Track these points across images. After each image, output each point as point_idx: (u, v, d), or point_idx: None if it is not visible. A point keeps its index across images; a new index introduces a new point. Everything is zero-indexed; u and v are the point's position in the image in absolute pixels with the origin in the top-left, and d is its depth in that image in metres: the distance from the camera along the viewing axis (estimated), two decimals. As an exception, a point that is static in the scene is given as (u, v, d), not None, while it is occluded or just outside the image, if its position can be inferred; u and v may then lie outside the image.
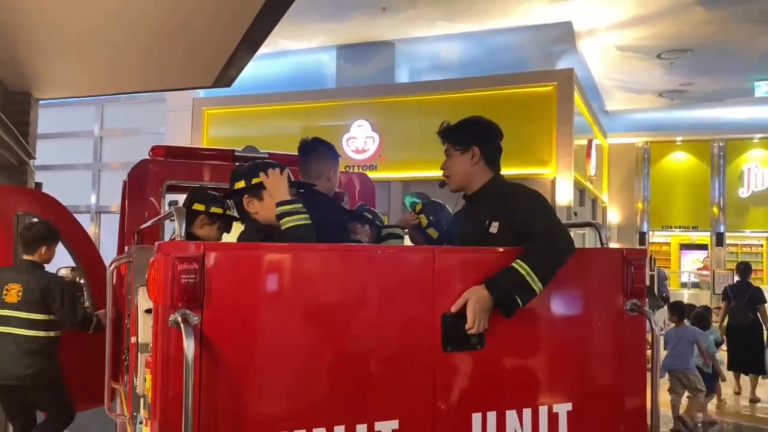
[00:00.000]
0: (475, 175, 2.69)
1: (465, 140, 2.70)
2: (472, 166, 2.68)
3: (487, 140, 2.72)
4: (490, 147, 2.71)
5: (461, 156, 2.70)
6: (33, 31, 4.15)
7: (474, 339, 2.29)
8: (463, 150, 2.69)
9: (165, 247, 1.94)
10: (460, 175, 2.72)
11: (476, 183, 2.70)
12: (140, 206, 4.29)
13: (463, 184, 2.74)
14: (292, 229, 2.38)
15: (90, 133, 14.66)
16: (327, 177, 3.08)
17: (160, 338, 1.94)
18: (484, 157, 2.68)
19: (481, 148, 2.67)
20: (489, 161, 2.70)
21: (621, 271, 2.57)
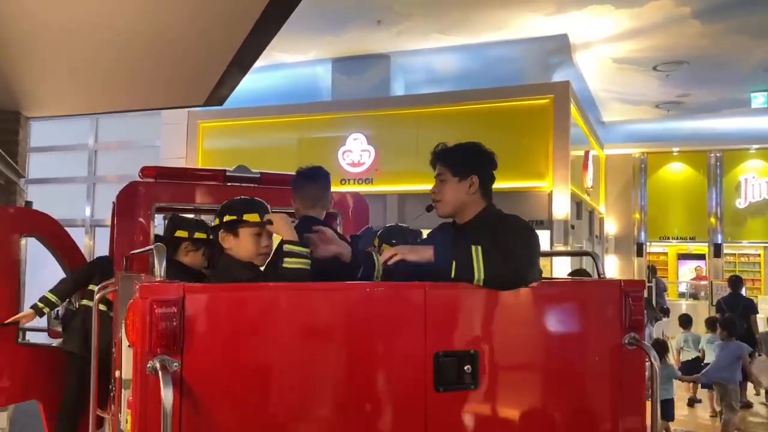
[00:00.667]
0: (468, 205, 2.60)
1: (465, 168, 2.58)
2: (468, 195, 2.58)
3: (486, 170, 2.63)
4: (487, 177, 2.62)
5: (458, 183, 2.58)
6: (22, 52, 4.08)
7: (467, 378, 2.21)
8: (461, 178, 2.57)
9: (144, 290, 1.86)
10: (453, 202, 2.60)
11: (469, 212, 2.60)
12: (129, 229, 4.21)
13: (454, 211, 2.63)
14: (293, 270, 2.37)
15: (84, 146, 14.56)
16: (327, 205, 3.04)
17: (139, 385, 1.86)
18: (482, 187, 2.59)
19: (480, 178, 2.58)
20: (484, 191, 2.61)
21: (619, 304, 2.49)
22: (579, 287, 2.53)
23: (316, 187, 3.08)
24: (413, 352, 2.17)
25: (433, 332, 2.18)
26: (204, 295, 1.94)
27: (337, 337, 2.11)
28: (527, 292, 2.40)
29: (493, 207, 2.64)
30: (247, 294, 2.05)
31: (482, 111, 11.27)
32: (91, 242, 14.24)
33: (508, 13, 10.00)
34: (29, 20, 3.63)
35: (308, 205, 3.04)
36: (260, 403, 1.96)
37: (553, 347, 2.41)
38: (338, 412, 2.08)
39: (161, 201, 4.26)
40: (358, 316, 2.15)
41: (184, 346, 1.86)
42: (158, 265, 2.00)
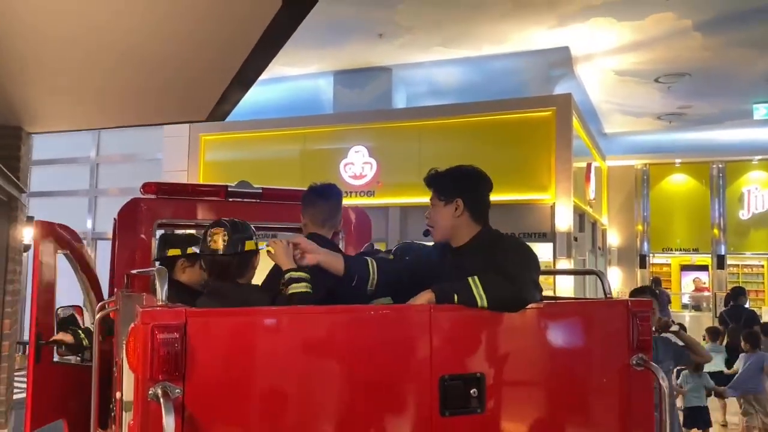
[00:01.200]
0: (459, 228, 2.56)
1: (448, 191, 2.56)
2: (456, 218, 2.54)
3: (472, 192, 2.57)
4: (474, 199, 2.57)
5: (444, 207, 2.56)
6: (25, 70, 4.08)
7: (474, 402, 2.17)
8: (447, 201, 2.55)
9: (145, 316, 1.83)
10: (443, 226, 2.59)
11: (461, 237, 2.56)
12: (130, 246, 4.19)
13: (446, 236, 2.60)
14: (296, 295, 2.40)
15: (86, 159, 14.59)
16: (336, 225, 3.03)
17: (140, 411, 1.83)
18: (468, 209, 2.54)
19: (464, 201, 2.53)
20: (474, 214, 2.55)
21: (626, 325, 2.45)
22: (585, 307, 2.50)
23: (328, 205, 3.06)
24: (418, 375, 2.13)
25: (439, 355, 2.15)
26: (206, 319, 1.91)
27: (341, 360, 2.08)
28: (533, 313, 2.37)
29: (489, 230, 2.59)
30: (250, 318, 2.01)
31: (484, 123, 11.27)
32: (92, 255, 14.21)
33: (510, 26, 10.02)
34: (32, 39, 3.63)
35: (317, 223, 3.02)
36: (264, 429, 1.93)
37: (560, 369, 2.37)
38: (343, 438, 2.04)
39: (162, 217, 4.24)
40: (363, 339, 2.11)
41: (186, 372, 1.83)
42: (159, 288, 1.97)
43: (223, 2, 2.93)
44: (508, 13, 9.53)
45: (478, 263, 2.43)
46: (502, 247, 2.49)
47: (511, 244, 2.53)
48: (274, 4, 2.87)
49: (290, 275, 2.45)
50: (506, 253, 2.43)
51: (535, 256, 2.52)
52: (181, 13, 3.09)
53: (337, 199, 3.11)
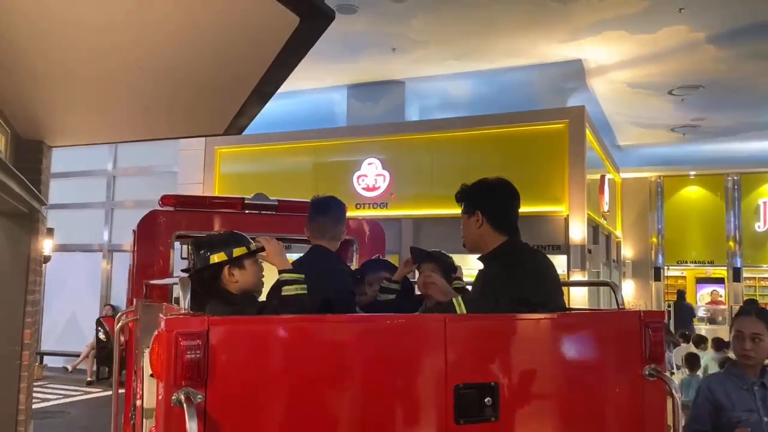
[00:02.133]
0: (483, 239, 2.66)
1: (469, 204, 2.70)
2: (478, 229, 2.66)
3: (491, 203, 2.67)
4: (494, 210, 2.66)
5: (468, 220, 2.71)
6: (47, 88, 4.19)
7: (488, 411, 2.21)
8: (469, 215, 2.69)
9: (169, 323, 1.89)
10: (469, 238, 2.73)
11: (487, 246, 2.66)
12: (149, 257, 4.28)
13: (474, 247, 2.73)
14: (291, 297, 2.49)
15: (104, 172, 14.78)
16: (338, 236, 3.08)
17: (163, 417, 1.89)
18: (489, 221, 2.64)
19: (483, 213, 2.64)
20: (496, 225, 2.64)
21: (639, 335, 2.48)
22: (598, 318, 2.53)
23: (326, 218, 3.16)
24: (433, 384, 2.17)
25: (454, 364, 2.19)
26: (228, 327, 1.96)
27: (359, 368, 2.13)
28: (547, 324, 2.42)
29: (511, 242, 2.66)
30: (270, 327, 2.07)
31: (497, 136, 11.32)
32: (108, 267, 14.37)
33: (522, 39, 10.08)
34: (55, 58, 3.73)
35: (317, 236, 3.13)
36: (282, 434, 1.98)
37: (573, 378, 2.40)
38: (359, 444, 2.08)
39: (180, 229, 4.32)
40: (380, 347, 2.16)
41: (208, 378, 1.88)
42: (183, 297, 2.04)
43: (243, 20, 3.02)
44: (521, 27, 9.60)
45: (490, 273, 2.58)
46: (496, 267, 2.60)
47: (500, 266, 2.59)
48: (292, 20, 2.95)
49: (285, 277, 2.54)
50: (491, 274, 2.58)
51: (525, 282, 2.53)
52: (201, 31, 3.18)
53: (335, 211, 3.20)
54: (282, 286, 2.56)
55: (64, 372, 13.02)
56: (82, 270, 14.27)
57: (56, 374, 12.92)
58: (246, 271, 2.70)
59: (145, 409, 2.80)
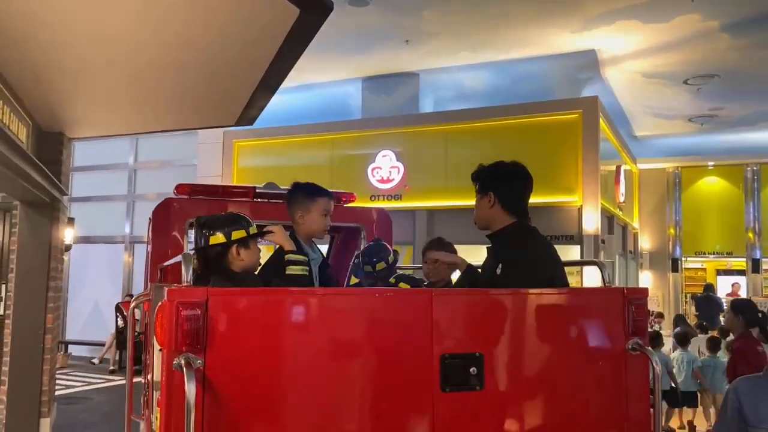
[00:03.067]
0: (493, 219, 2.82)
1: (483, 185, 2.85)
2: (489, 210, 2.81)
3: (503, 185, 2.82)
4: (506, 192, 2.81)
5: (481, 200, 2.86)
6: (67, 82, 4.38)
7: (473, 380, 2.33)
8: (482, 195, 2.85)
9: (171, 294, 2.04)
10: (480, 217, 2.89)
11: (496, 226, 2.83)
12: (164, 243, 4.44)
13: (484, 225, 2.90)
14: (296, 276, 2.67)
15: (125, 165, 15.10)
16: (295, 220, 3.21)
17: (165, 380, 2.04)
18: (500, 202, 2.78)
19: (495, 194, 2.79)
20: (507, 206, 2.80)
21: (622, 311, 2.59)
22: (583, 294, 2.64)
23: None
24: (421, 354, 2.30)
25: (440, 336, 2.31)
26: (226, 297, 2.11)
27: (350, 338, 2.26)
28: (533, 299, 2.53)
29: (520, 224, 2.81)
30: (267, 298, 2.21)
31: (511, 127, 11.36)
32: (130, 259, 14.69)
33: (536, 30, 10.11)
34: (77, 54, 3.91)
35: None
36: (276, 398, 2.12)
37: (557, 351, 2.51)
38: (350, 409, 2.22)
39: (194, 217, 4.48)
40: (370, 319, 2.29)
41: (207, 345, 2.03)
42: (185, 272, 2.19)
43: (246, 16, 3.16)
44: (534, 18, 9.64)
45: (501, 252, 2.77)
46: (504, 254, 2.74)
47: (512, 253, 2.72)
48: (293, 12, 3.09)
49: (290, 257, 2.72)
50: (507, 262, 2.70)
51: (530, 269, 2.67)
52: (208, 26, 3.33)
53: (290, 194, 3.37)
54: (288, 265, 2.73)
55: (88, 362, 13.36)
56: (104, 261, 14.63)
57: (81, 363, 13.26)
58: (251, 252, 2.84)
59: (154, 381, 2.96)
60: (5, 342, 5.64)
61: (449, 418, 2.31)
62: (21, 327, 5.57)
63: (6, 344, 5.63)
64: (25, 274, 5.64)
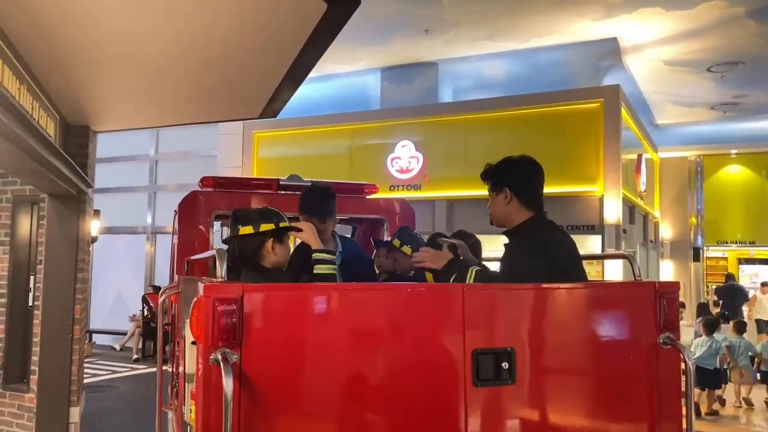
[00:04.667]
0: (511, 215, 2.79)
1: (497, 182, 2.81)
2: (506, 206, 2.78)
3: (520, 181, 2.79)
4: (522, 187, 2.78)
5: (496, 197, 2.82)
6: (94, 77, 4.42)
7: (505, 374, 2.34)
8: (498, 192, 2.81)
9: (207, 289, 2.07)
10: (497, 214, 2.85)
11: (514, 221, 2.79)
12: (190, 235, 4.49)
13: (501, 222, 2.86)
14: (322, 276, 2.70)
15: (146, 157, 15.24)
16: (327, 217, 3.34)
17: (202, 375, 2.07)
18: (518, 197, 2.76)
19: (512, 189, 2.76)
20: (524, 201, 2.76)
21: (653, 305, 2.58)
22: (615, 288, 2.63)
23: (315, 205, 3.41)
24: (453, 348, 2.31)
25: (471, 330, 2.32)
26: (261, 293, 2.13)
27: (383, 333, 2.28)
28: (564, 293, 2.53)
29: (539, 218, 2.78)
30: (300, 293, 2.24)
31: (531, 116, 11.29)
32: (152, 249, 14.85)
33: (556, 18, 10.02)
34: (101, 51, 3.95)
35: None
36: (312, 393, 2.14)
37: (589, 345, 2.52)
38: (383, 404, 2.24)
39: (220, 209, 4.52)
40: (402, 314, 2.31)
41: (243, 340, 2.06)
42: (219, 267, 2.22)
43: (273, 9, 3.17)
44: (554, 5, 9.54)
45: (519, 247, 2.72)
46: (523, 241, 2.72)
47: (529, 240, 2.71)
48: (320, 7, 3.09)
49: (317, 256, 2.73)
50: (517, 257, 2.69)
51: (540, 265, 2.60)
52: (235, 19, 3.34)
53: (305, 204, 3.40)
54: (316, 264, 2.74)
55: (112, 350, 13.57)
56: (126, 252, 14.81)
57: (104, 351, 13.47)
58: (284, 247, 2.86)
59: (186, 374, 3.01)
60: (35, 333, 5.74)
61: (481, 413, 2.32)
62: (50, 318, 5.66)
63: (36, 335, 5.73)
64: (53, 266, 5.72)
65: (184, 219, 4.51)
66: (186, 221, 4.50)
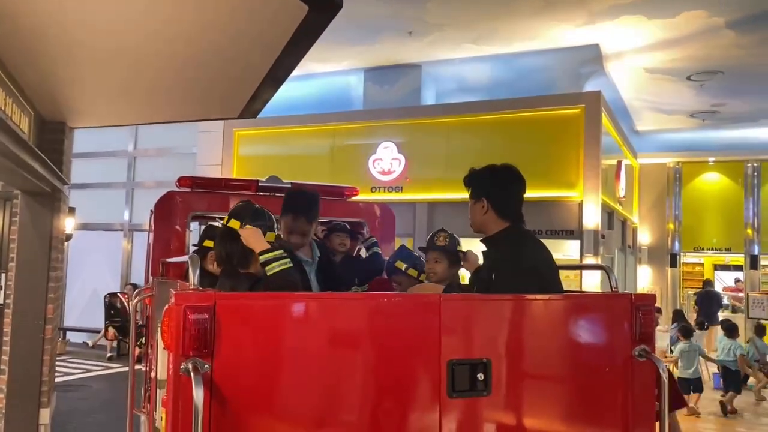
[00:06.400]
0: (488, 224, 2.80)
1: (476, 191, 2.81)
2: (483, 215, 2.78)
3: (498, 191, 2.78)
4: (500, 198, 2.77)
5: (474, 205, 2.83)
6: (70, 73, 4.34)
7: (480, 385, 2.32)
8: (476, 200, 2.81)
9: (178, 297, 2.02)
10: (475, 222, 2.86)
11: (490, 230, 2.80)
12: (166, 236, 4.42)
13: (478, 229, 2.87)
14: (278, 273, 2.55)
15: (125, 153, 15.04)
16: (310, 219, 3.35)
17: (173, 384, 2.03)
18: (494, 208, 2.75)
19: (489, 200, 2.76)
20: (500, 211, 2.76)
21: (629, 317, 2.58)
22: (591, 300, 2.63)
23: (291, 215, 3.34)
24: (428, 359, 2.29)
25: (447, 341, 2.30)
26: (233, 302, 2.09)
27: (357, 343, 2.25)
28: (540, 305, 2.52)
29: (513, 228, 2.77)
30: (273, 302, 2.20)
31: (513, 120, 11.33)
32: (129, 246, 14.66)
33: (539, 23, 10.05)
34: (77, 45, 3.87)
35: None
36: (283, 403, 2.11)
37: (564, 357, 2.51)
38: (358, 415, 2.21)
39: (197, 210, 4.46)
40: (377, 324, 2.28)
41: (215, 350, 2.02)
42: (192, 274, 2.17)
43: (255, 9, 3.12)
44: (538, 11, 9.57)
45: (495, 258, 2.73)
46: (500, 251, 2.73)
47: (503, 256, 2.72)
48: (302, 9, 3.05)
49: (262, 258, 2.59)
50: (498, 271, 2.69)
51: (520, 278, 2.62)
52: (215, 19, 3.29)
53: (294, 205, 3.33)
54: (266, 266, 2.60)
55: (86, 347, 13.38)
56: (103, 248, 14.60)
57: (78, 349, 13.28)
58: None
59: (158, 380, 2.95)
60: (5, 331, 5.63)
61: (456, 424, 2.30)
62: (21, 317, 5.56)
63: (6, 333, 5.62)
64: (25, 264, 5.62)
65: (160, 219, 4.44)
66: (162, 221, 4.43)
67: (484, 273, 2.81)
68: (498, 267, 2.70)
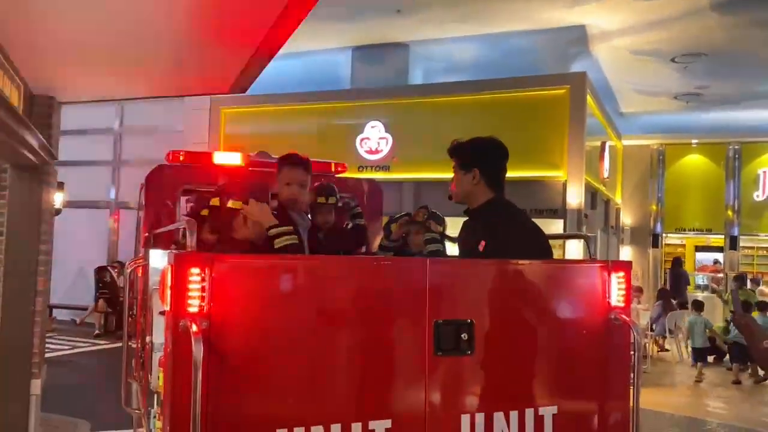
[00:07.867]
0: (475, 194, 2.89)
1: (466, 161, 2.89)
2: (473, 186, 2.88)
3: (488, 162, 2.89)
4: (490, 168, 2.88)
5: (464, 176, 2.90)
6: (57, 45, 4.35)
7: (464, 345, 2.44)
8: (466, 171, 2.89)
9: (177, 258, 2.11)
10: (462, 192, 2.94)
11: (476, 201, 2.90)
12: (156, 209, 4.48)
13: (464, 200, 2.96)
14: (283, 248, 2.70)
15: (110, 131, 14.96)
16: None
17: (171, 341, 2.12)
18: (484, 178, 2.85)
19: (480, 170, 2.85)
20: (489, 182, 2.87)
21: (605, 283, 2.70)
22: (569, 266, 2.74)
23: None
24: (416, 319, 2.40)
25: (434, 303, 2.41)
26: (228, 263, 2.18)
27: (347, 304, 2.35)
28: (521, 269, 2.64)
29: (500, 199, 2.89)
30: (268, 263, 2.30)
31: (499, 100, 11.42)
32: (115, 224, 14.65)
33: (527, 4, 10.11)
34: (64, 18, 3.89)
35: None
36: (277, 359, 2.21)
37: (543, 320, 2.63)
38: (348, 371, 2.33)
39: (187, 183, 4.52)
40: (367, 286, 2.39)
41: (211, 309, 2.11)
42: (189, 237, 2.26)
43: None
44: (525, -9, 9.63)
45: (483, 229, 2.81)
46: (487, 231, 2.80)
47: (496, 231, 2.80)
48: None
49: (272, 231, 2.74)
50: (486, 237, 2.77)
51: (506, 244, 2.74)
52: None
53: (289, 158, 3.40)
54: (274, 240, 2.74)
55: (73, 325, 13.41)
56: (89, 226, 14.56)
57: (65, 327, 13.31)
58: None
59: (154, 343, 3.05)
60: (-4, 304, 5.67)
61: (441, 380, 2.42)
62: (11, 289, 5.59)
63: (-4, 306, 5.66)
64: (14, 237, 5.64)
65: (151, 192, 4.49)
66: (152, 194, 4.49)
67: (470, 242, 2.90)
68: (487, 238, 2.78)
